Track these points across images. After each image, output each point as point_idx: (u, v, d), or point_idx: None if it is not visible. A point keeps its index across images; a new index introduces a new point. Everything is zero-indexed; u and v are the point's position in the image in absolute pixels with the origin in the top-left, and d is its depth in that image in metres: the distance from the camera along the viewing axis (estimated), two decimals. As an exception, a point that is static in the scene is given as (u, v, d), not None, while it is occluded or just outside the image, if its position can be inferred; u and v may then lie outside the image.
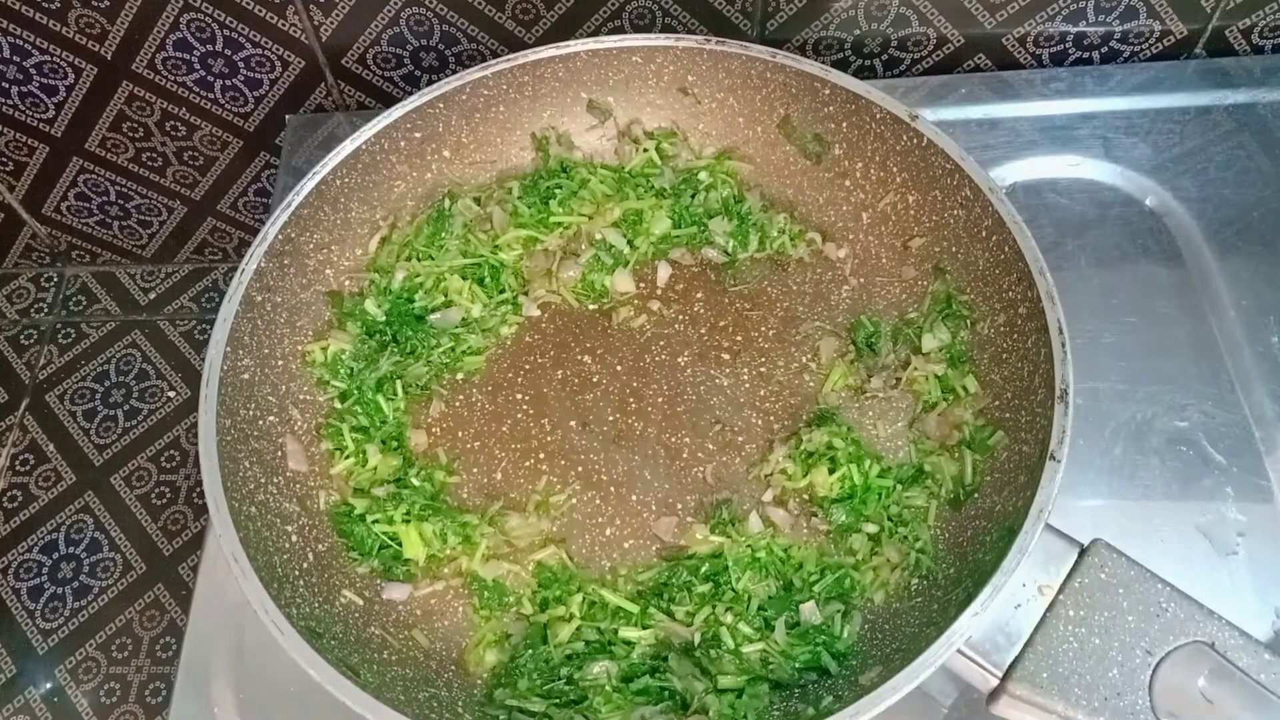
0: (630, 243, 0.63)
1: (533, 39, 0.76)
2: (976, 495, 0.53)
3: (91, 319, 0.98)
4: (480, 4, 0.73)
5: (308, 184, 0.57)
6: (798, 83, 0.61)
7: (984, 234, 0.55)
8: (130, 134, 0.82)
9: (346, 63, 0.77)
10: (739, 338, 0.61)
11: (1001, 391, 0.54)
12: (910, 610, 0.50)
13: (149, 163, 0.85)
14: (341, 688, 0.43)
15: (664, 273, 0.63)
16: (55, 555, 0.88)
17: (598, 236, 0.63)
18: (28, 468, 0.92)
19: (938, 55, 0.79)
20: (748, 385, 0.59)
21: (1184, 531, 0.58)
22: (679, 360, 0.60)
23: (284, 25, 0.73)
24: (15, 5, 0.71)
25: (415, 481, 0.55)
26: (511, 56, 0.61)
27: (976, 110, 0.74)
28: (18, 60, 0.75)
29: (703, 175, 0.65)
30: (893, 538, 0.52)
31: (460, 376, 0.60)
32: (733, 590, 0.51)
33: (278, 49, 0.75)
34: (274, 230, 0.56)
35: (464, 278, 0.62)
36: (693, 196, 0.64)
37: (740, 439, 0.57)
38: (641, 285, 0.63)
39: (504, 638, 0.51)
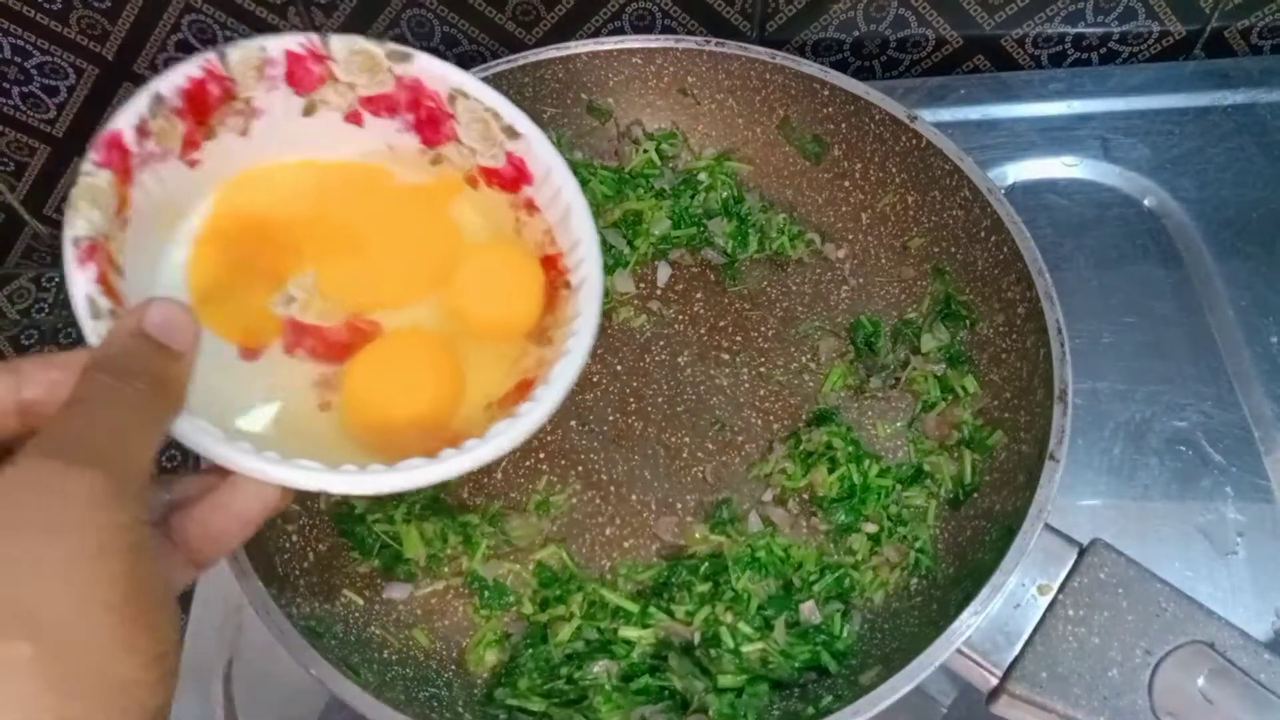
0: (630, 243, 0.63)
1: (533, 40, 0.76)
2: (976, 495, 0.53)
3: (92, 320, 0.98)
4: (480, 5, 0.73)
5: (308, 184, 0.57)
6: (797, 84, 0.61)
7: (983, 234, 0.56)
8: (131, 135, 0.82)
9: (347, 64, 0.77)
10: (739, 338, 0.61)
11: (1000, 391, 0.54)
12: (910, 610, 0.50)
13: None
14: (342, 687, 0.43)
15: (664, 273, 0.63)
16: (55, 556, 0.88)
17: (598, 237, 0.63)
18: (28, 468, 0.92)
19: (936, 56, 0.79)
20: (747, 385, 0.59)
21: (1183, 531, 0.58)
22: (679, 360, 0.60)
23: (285, 26, 0.73)
24: (16, 6, 0.71)
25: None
26: (511, 58, 0.61)
27: (975, 111, 0.74)
28: (19, 61, 0.75)
29: (702, 176, 0.65)
30: (892, 537, 0.52)
31: (460, 377, 0.60)
32: (732, 590, 0.51)
33: (278, 50, 0.75)
34: (274, 231, 0.56)
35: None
36: (692, 197, 0.64)
37: (740, 439, 0.57)
38: (641, 285, 0.63)
39: (504, 637, 0.51)
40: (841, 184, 0.63)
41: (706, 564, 0.52)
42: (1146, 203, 0.71)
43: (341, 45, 0.44)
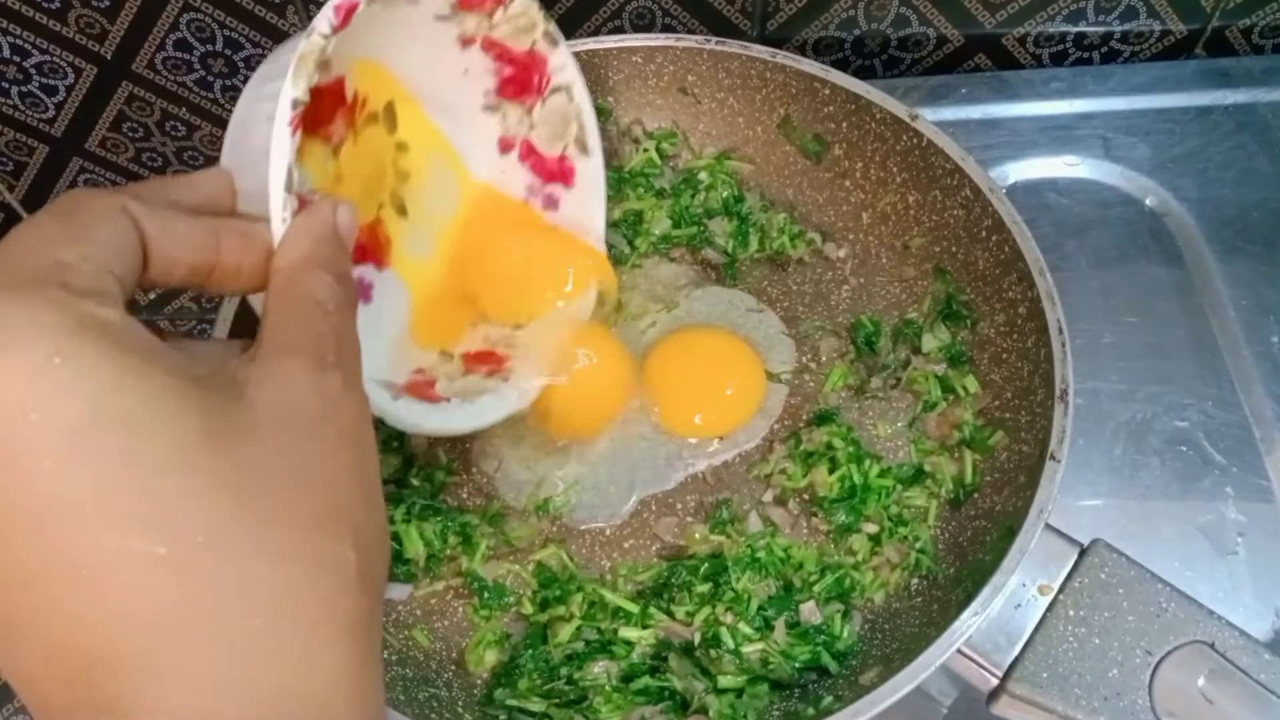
0: (630, 243, 0.63)
1: (533, 39, 0.75)
2: (976, 495, 0.53)
3: (91, 319, 0.98)
4: (480, 4, 0.73)
5: (308, 184, 0.57)
6: (797, 83, 0.61)
7: (984, 234, 0.55)
8: (130, 134, 0.82)
9: (346, 63, 0.77)
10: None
11: (1001, 391, 0.54)
12: (910, 610, 0.50)
13: (149, 163, 0.85)
14: (341, 688, 0.43)
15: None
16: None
17: (598, 236, 0.63)
18: (28, 468, 0.92)
19: (938, 55, 0.79)
20: (748, 385, 0.59)
21: (1184, 531, 0.58)
22: (679, 360, 0.60)
23: (284, 25, 0.73)
24: (15, 5, 0.71)
25: (415, 481, 0.55)
26: (511, 56, 0.61)
27: (976, 110, 0.74)
28: (18, 60, 0.75)
29: (703, 175, 0.65)
30: (893, 538, 0.52)
31: (460, 376, 0.60)
32: (733, 590, 0.51)
33: (278, 49, 0.75)
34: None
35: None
36: (692, 196, 0.64)
37: (740, 438, 0.57)
38: (642, 285, 0.63)
39: (504, 637, 0.51)
40: (842, 183, 0.63)
41: (706, 564, 0.52)
42: (1148, 202, 0.71)
43: (521, 4, 0.48)
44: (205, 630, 0.23)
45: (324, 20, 0.36)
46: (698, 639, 0.50)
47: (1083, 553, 0.47)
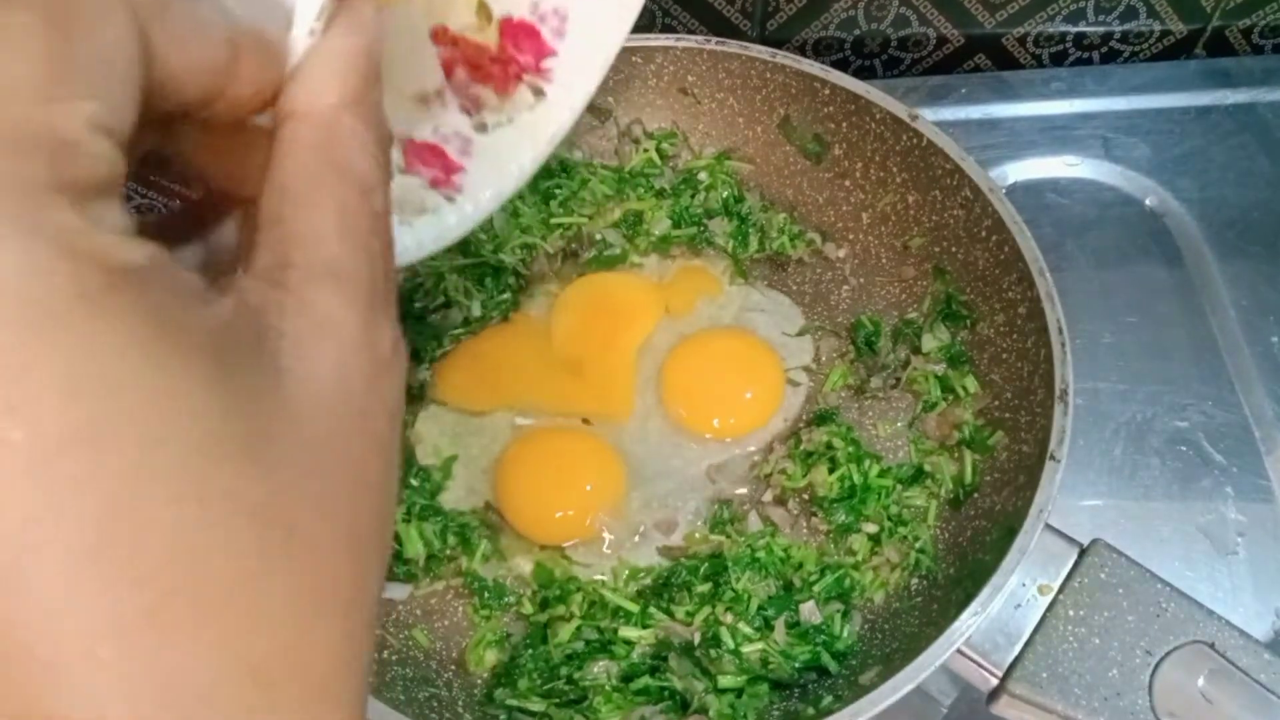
0: (630, 242, 0.63)
1: (533, 39, 0.75)
2: (976, 495, 0.53)
3: (92, 319, 0.98)
4: (480, 4, 0.73)
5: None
6: (797, 83, 0.61)
7: (984, 234, 0.55)
8: (131, 134, 0.82)
9: (347, 63, 0.77)
10: (739, 338, 0.61)
11: (1001, 391, 0.54)
12: (910, 610, 0.50)
13: (147, 161, 0.85)
14: (341, 687, 0.43)
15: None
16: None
17: (598, 237, 0.63)
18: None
19: (937, 55, 0.79)
20: (748, 385, 0.59)
21: (1184, 531, 0.58)
22: (679, 360, 0.60)
23: (284, 25, 0.73)
24: (16, 5, 0.71)
25: (414, 482, 0.55)
26: (512, 56, 0.61)
27: (976, 110, 0.74)
28: (18, 60, 0.75)
29: (703, 175, 0.65)
30: (892, 537, 0.52)
31: (460, 376, 0.60)
32: (732, 590, 0.51)
33: (278, 49, 0.75)
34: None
35: (465, 278, 0.62)
36: (693, 197, 0.64)
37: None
38: (641, 285, 0.63)
39: (504, 637, 0.51)
40: (842, 183, 0.63)
41: (706, 564, 0.52)
42: (1148, 202, 0.71)
43: None
44: (197, 698, 0.17)
45: None
46: (698, 639, 0.50)
47: (1082, 553, 0.47)
